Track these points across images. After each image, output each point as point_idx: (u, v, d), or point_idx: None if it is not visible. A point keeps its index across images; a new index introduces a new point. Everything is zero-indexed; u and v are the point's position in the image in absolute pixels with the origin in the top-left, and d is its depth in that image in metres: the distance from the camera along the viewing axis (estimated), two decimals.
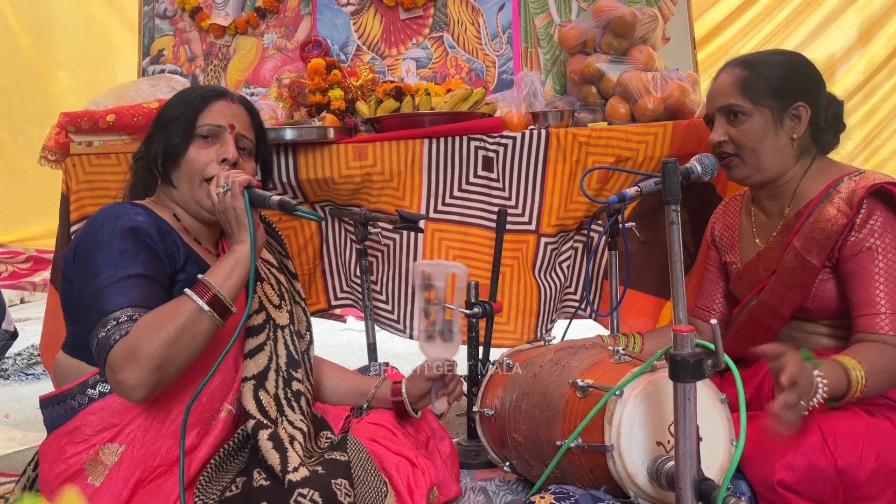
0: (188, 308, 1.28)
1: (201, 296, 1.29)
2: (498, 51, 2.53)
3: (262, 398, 1.40)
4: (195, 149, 1.47)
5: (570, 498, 1.28)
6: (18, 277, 3.51)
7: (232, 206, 1.37)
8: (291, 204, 1.40)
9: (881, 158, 3.71)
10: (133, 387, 1.23)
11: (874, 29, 3.67)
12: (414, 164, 2.17)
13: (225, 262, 1.35)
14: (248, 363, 1.43)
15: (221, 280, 1.32)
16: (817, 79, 1.63)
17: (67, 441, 1.33)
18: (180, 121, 1.47)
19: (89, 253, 1.33)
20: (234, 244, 1.38)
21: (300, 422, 1.44)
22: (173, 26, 2.73)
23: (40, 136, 2.27)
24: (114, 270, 1.30)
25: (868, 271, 1.46)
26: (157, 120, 1.52)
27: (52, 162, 2.22)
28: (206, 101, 1.50)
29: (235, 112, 1.53)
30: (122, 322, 1.26)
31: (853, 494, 1.34)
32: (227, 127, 1.50)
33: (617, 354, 1.46)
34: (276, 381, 1.46)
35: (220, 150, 1.48)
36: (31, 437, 2.72)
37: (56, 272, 2.20)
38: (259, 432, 1.34)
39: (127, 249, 1.32)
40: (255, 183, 1.41)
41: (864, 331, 1.45)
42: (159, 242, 1.38)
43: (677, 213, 1.20)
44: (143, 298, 1.30)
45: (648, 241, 2.04)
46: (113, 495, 1.28)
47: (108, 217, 1.37)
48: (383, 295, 2.31)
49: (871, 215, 1.47)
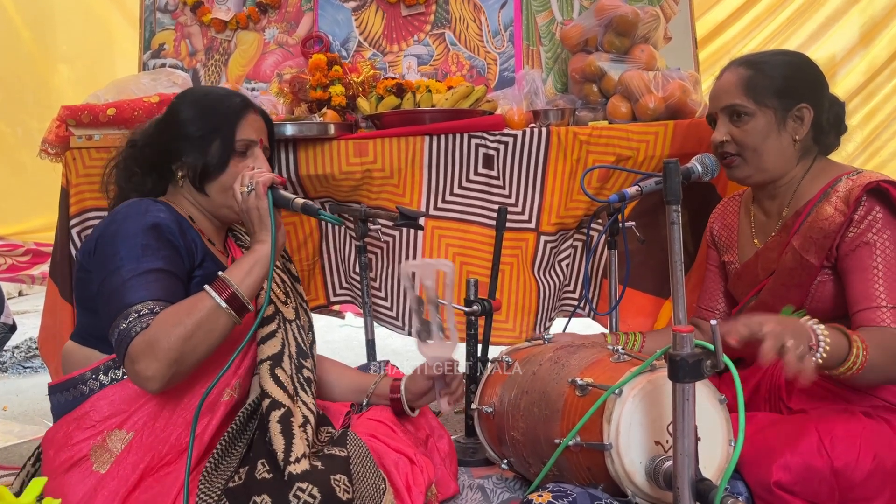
0: (206, 304, 1.32)
1: (220, 293, 1.33)
2: (499, 48, 2.53)
3: (279, 376, 1.43)
4: (234, 164, 1.51)
5: (568, 496, 1.28)
6: (17, 270, 3.50)
7: (256, 206, 1.42)
8: (315, 207, 1.43)
9: (881, 160, 3.70)
10: (150, 378, 1.27)
11: (876, 30, 3.66)
12: (414, 161, 2.17)
13: (245, 261, 1.39)
14: (262, 348, 1.46)
15: (240, 278, 1.36)
16: (821, 80, 1.63)
17: (75, 427, 1.35)
18: (218, 135, 1.50)
19: (112, 245, 1.36)
20: (255, 243, 1.42)
21: (313, 405, 1.47)
22: (174, 20, 2.73)
23: (40, 130, 2.26)
24: (136, 264, 1.33)
25: (867, 266, 1.46)
26: (187, 127, 1.52)
27: (52, 155, 2.22)
28: (241, 115, 1.54)
29: (260, 125, 1.59)
30: (143, 315, 1.29)
31: (850, 496, 1.34)
32: (258, 142, 1.55)
33: (616, 353, 1.46)
34: (290, 365, 1.49)
35: (253, 164, 1.52)
36: (29, 430, 2.72)
37: (55, 266, 2.20)
38: (271, 413, 1.36)
39: (149, 244, 1.36)
40: (278, 181, 1.45)
41: (865, 325, 1.44)
42: (180, 239, 1.41)
43: (678, 214, 1.20)
44: (164, 293, 1.33)
45: (648, 240, 2.04)
46: (119, 481, 1.29)
47: (132, 212, 1.40)
48: (382, 292, 2.30)
49: (870, 212, 1.47)
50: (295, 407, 1.40)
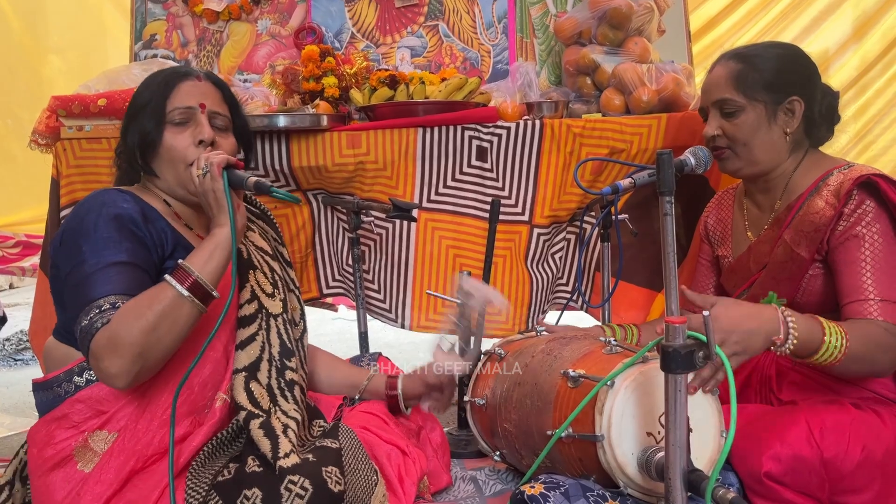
0: (168, 294, 1.26)
1: (181, 282, 1.27)
2: (493, 40, 2.52)
3: (253, 389, 1.39)
4: (170, 135, 1.44)
5: (561, 487, 1.28)
6: (7, 262, 3.47)
7: (212, 189, 1.36)
8: (267, 185, 1.37)
9: (873, 154, 3.72)
10: (114, 375, 1.23)
11: (868, 24, 3.67)
12: (407, 153, 2.16)
13: (204, 247, 1.34)
14: (239, 354, 1.42)
15: (201, 264, 1.30)
16: (812, 72, 1.62)
17: (56, 426, 1.33)
18: (149, 108, 1.45)
19: (75, 240, 1.33)
20: (215, 227, 1.36)
21: (294, 411, 1.43)
22: (166, 11, 2.71)
23: (30, 120, 2.24)
24: (98, 258, 1.29)
25: (855, 258, 1.47)
26: (128, 111, 1.49)
27: (43, 146, 2.20)
28: (172, 84, 1.47)
29: (203, 90, 1.49)
30: (104, 310, 1.25)
31: (839, 486, 1.35)
32: (197, 107, 1.46)
33: (609, 345, 1.46)
34: (269, 371, 1.44)
35: (195, 131, 1.45)
36: (20, 422, 2.72)
37: (46, 257, 2.19)
38: (251, 422, 1.33)
39: (111, 237, 1.31)
40: (234, 162, 1.39)
41: (853, 317, 1.45)
42: (144, 229, 1.36)
43: (671, 205, 1.20)
44: (127, 286, 1.29)
45: (640, 233, 2.04)
46: (105, 483, 1.27)
47: (93, 204, 1.36)
48: (375, 284, 2.30)
49: (860, 206, 1.48)
50: (273, 418, 1.36)
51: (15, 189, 3.78)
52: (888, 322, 1.42)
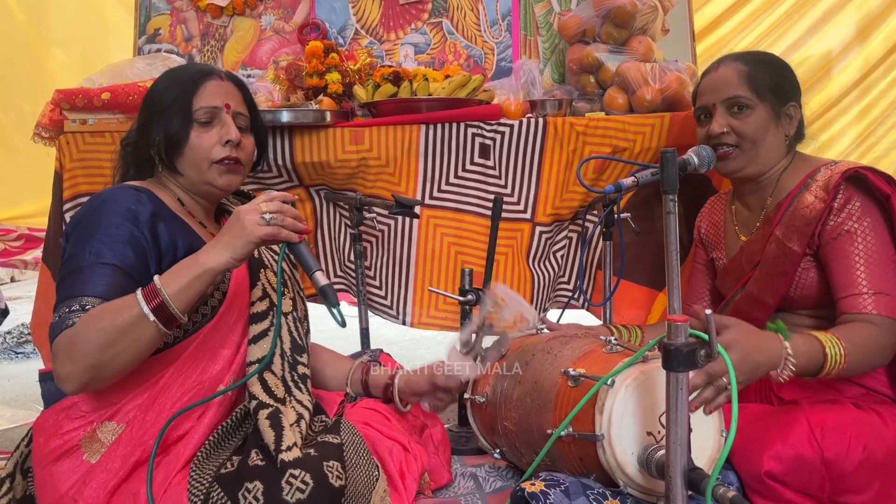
0: (133, 312, 1.23)
1: (148, 300, 1.23)
2: (497, 38, 2.52)
3: (267, 379, 1.40)
4: (196, 135, 1.46)
5: (561, 485, 1.28)
6: (9, 255, 3.48)
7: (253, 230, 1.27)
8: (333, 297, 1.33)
9: (876, 155, 3.72)
10: (64, 378, 1.23)
11: (872, 26, 3.67)
12: (410, 150, 2.16)
13: (188, 270, 1.26)
14: (252, 348, 1.42)
15: (176, 290, 1.25)
16: (798, 84, 1.70)
17: (65, 416, 1.34)
18: (175, 107, 1.46)
19: (76, 232, 1.34)
20: (207, 252, 1.28)
21: (308, 402, 1.45)
22: (170, 5, 2.71)
23: (34, 113, 2.24)
24: (90, 255, 1.30)
25: (848, 253, 1.49)
26: (149, 106, 1.50)
27: (46, 139, 2.20)
28: (198, 84, 1.48)
29: (227, 90, 1.51)
30: (73, 311, 1.25)
31: (840, 486, 1.35)
32: (223, 107, 1.49)
33: (609, 344, 1.46)
34: (282, 364, 1.46)
35: (221, 131, 1.47)
36: (21, 415, 2.72)
37: (48, 251, 2.19)
38: (259, 412, 1.34)
39: (113, 237, 1.32)
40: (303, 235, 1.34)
41: (848, 311, 1.48)
42: (153, 233, 1.36)
43: (675, 203, 1.21)
44: (106, 290, 1.28)
45: (642, 232, 2.05)
46: (110, 473, 1.28)
47: (104, 201, 1.37)
48: (377, 280, 2.30)
49: (849, 200, 1.51)
50: (287, 407, 1.37)
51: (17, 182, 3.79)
52: (882, 315, 1.44)
